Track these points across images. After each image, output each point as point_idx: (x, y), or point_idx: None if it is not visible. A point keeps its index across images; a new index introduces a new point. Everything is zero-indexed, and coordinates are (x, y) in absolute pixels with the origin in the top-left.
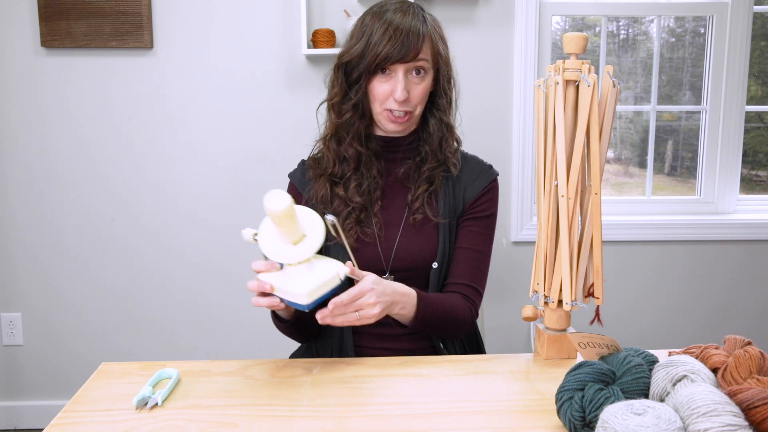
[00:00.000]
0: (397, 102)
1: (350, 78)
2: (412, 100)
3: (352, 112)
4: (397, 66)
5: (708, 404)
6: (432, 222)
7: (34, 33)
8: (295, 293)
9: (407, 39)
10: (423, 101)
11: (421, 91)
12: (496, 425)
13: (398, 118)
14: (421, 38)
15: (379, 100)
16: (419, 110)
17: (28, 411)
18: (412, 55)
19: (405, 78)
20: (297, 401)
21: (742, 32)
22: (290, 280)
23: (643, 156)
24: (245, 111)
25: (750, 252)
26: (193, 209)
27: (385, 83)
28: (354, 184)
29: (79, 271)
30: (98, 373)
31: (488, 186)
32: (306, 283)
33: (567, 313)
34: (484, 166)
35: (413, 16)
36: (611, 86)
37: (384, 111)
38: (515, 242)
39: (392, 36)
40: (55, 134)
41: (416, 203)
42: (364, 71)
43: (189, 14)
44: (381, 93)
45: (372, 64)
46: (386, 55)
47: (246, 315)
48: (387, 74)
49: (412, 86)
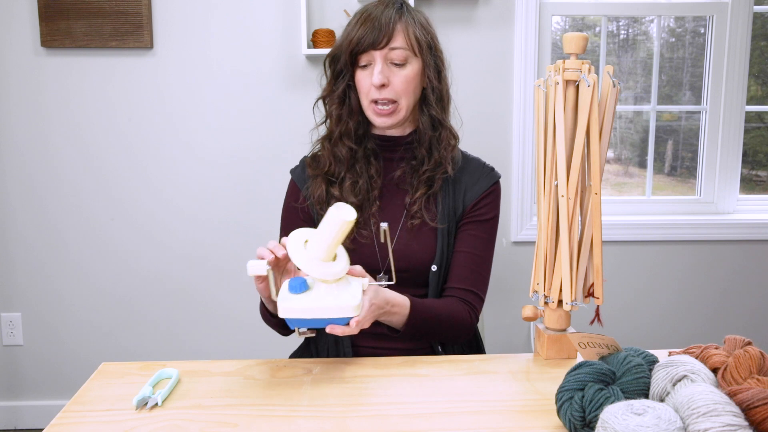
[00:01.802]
0: (375, 87)
1: (336, 71)
2: (394, 87)
3: (338, 104)
4: (373, 54)
5: (708, 404)
6: (430, 225)
7: (34, 33)
8: (344, 307)
9: (378, 24)
10: (408, 91)
11: (402, 79)
12: (496, 425)
13: (383, 110)
14: (392, 24)
15: (363, 92)
16: (405, 101)
17: (28, 411)
18: (384, 40)
19: (384, 65)
20: (297, 401)
21: (742, 32)
22: (332, 298)
23: (643, 156)
24: (245, 111)
25: (750, 252)
26: (193, 209)
27: (367, 76)
28: (349, 183)
29: (79, 271)
30: (98, 373)
31: (489, 189)
32: (351, 296)
33: (567, 313)
34: (486, 168)
35: (389, 7)
36: (611, 86)
37: (370, 104)
38: (515, 242)
39: (364, 22)
40: (55, 134)
41: (414, 207)
42: (347, 63)
43: (189, 14)
44: (364, 85)
45: (348, 52)
46: (358, 40)
47: (246, 315)
48: (367, 67)
49: (392, 74)
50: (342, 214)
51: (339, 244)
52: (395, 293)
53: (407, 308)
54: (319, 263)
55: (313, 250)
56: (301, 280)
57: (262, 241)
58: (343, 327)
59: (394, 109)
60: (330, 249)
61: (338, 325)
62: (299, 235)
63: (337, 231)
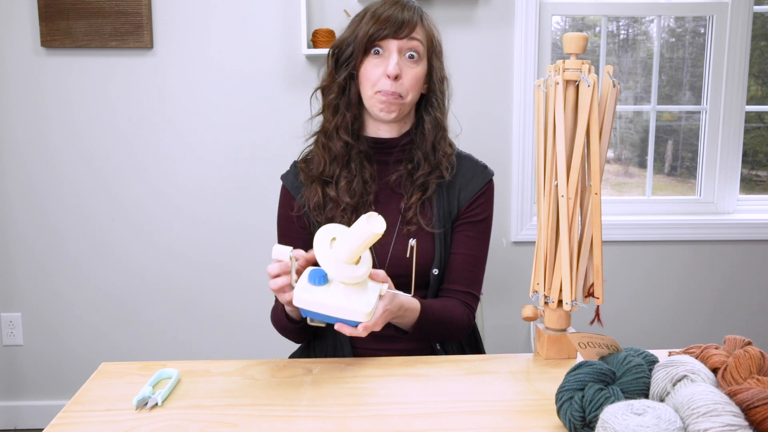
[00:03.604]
0: (390, 77)
1: (339, 62)
2: (404, 82)
3: (338, 92)
4: (390, 42)
5: (708, 404)
6: (426, 230)
7: (34, 33)
8: (357, 311)
9: (401, 15)
10: (415, 89)
11: (413, 75)
12: (496, 425)
13: (389, 97)
14: (416, 17)
15: (371, 81)
16: (411, 98)
17: (28, 411)
18: (407, 31)
19: (399, 56)
20: (297, 401)
21: (742, 32)
22: (348, 300)
23: (643, 156)
24: (245, 111)
25: (750, 252)
26: (193, 209)
27: (379, 65)
28: (344, 182)
29: (79, 270)
30: (98, 373)
31: (483, 188)
32: (365, 302)
33: (567, 313)
34: (479, 167)
35: (406, 6)
36: (611, 86)
37: (376, 94)
38: (515, 242)
39: (382, 16)
40: (54, 134)
41: (409, 213)
42: (356, 51)
43: (189, 14)
44: (374, 74)
45: (363, 41)
46: (376, 31)
47: (246, 315)
48: (380, 55)
49: (405, 68)
50: (372, 227)
51: (364, 251)
52: (408, 296)
53: (417, 311)
54: (341, 264)
55: (338, 251)
56: (322, 273)
57: (262, 241)
58: (352, 329)
59: (400, 102)
60: (354, 255)
61: (347, 326)
62: (327, 232)
63: (363, 241)
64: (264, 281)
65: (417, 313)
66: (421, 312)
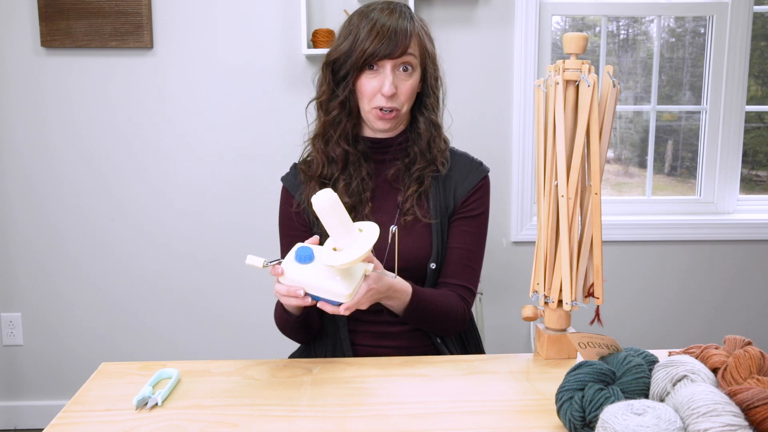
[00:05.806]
0: (385, 97)
1: (337, 75)
2: (399, 96)
3: (339, 109)
4: (384, 62)
5: (708, 404)
6: (422, 222)
7: (34, 33)
8: (337, 293)
9: (395, 36)
10: (410, 99)
11: (408, 88)
12: (496, 425)
13: (386, 114)
14: (408, 35)
15: (367, 97)
16: (406, 108)
17: (28, 411)
18: (400, 51)
19: (393, 73)
20: (297, 401)
21: (742, 32)
22: (330, 280)
23: (643, 156)
24: (245, 111)
25: (750, 252)
26: (193, 209)
27: (374, 79)
28: (342, 184)
29: (79, 270)
30: (98, 373)
31: (478, 184)
32: (347, 284)
33: (567, 313)
34: (474, 163)
35: (400, 15)
36: (611, 86)
37: (373, 109)
38: (515, 242)
39: (379, 32)
40: (54, 134)
41: (407, 204)
42: (352, 68)
43: (189, 14)
44: (369, 90)
45: (359, 60)
46: (373, 51)
47: (246, 315)
48: (375, 70)
49: (399, 82)
50: (315, 202)
51: (343, 226)
52: (399, 279)
53: (408, 295)
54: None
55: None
56: (308, 251)
57: (262, 241)
58: (334, 307)
59: (396, 115)
60: (338, 235)
61: (329, 304)
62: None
63: (325, 217)
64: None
65: (408, 296)
66: (413, 295)
